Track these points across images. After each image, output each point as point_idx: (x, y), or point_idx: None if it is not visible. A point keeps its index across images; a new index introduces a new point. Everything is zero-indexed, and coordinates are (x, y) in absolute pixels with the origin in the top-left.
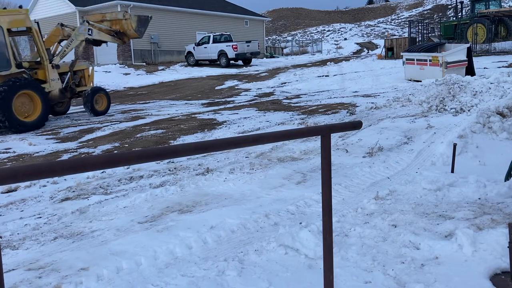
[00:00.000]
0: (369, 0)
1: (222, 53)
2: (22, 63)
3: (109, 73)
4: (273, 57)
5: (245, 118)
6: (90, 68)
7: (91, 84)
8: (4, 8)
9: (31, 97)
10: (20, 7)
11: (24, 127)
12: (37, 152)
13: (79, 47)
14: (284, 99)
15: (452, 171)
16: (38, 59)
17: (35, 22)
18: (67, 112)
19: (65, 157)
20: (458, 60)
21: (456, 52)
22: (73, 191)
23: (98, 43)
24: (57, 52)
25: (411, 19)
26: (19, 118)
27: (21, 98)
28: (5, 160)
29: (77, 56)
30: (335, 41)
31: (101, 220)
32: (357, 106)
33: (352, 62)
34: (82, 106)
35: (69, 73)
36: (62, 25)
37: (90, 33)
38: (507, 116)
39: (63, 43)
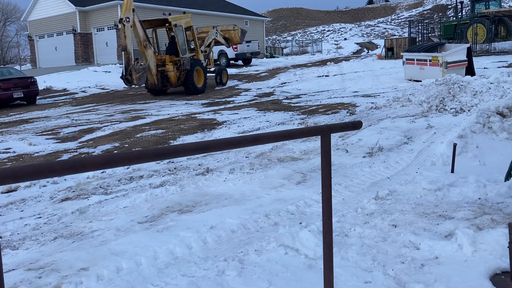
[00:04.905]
0: (369, 0)
1: (222, 53)
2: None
3: (109, 73)
4: (273, 57)
5: (245, 118)
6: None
7: (212, 64)
8: (169, 14)
9: (197, 72)
10: (184, 13)
11: (197, 91)
12: (37, 152)
13: (211, 43)
14: (284, 99)
15: (452, 171)
16: (193, 47)
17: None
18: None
19: (65, 157)
20: (458, 60)
21: (456, 52)
22: (73, 191)
23: (217, 43)
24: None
25: (411, 19)
26: (195, 84)
27: (194, 72)
28: (5, 160)
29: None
30: (335, 41)
31: (101, 220)
32: (357, 106)
33: (352, 62)
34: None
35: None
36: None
37: (216, 35)
38: (507, 116)
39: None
